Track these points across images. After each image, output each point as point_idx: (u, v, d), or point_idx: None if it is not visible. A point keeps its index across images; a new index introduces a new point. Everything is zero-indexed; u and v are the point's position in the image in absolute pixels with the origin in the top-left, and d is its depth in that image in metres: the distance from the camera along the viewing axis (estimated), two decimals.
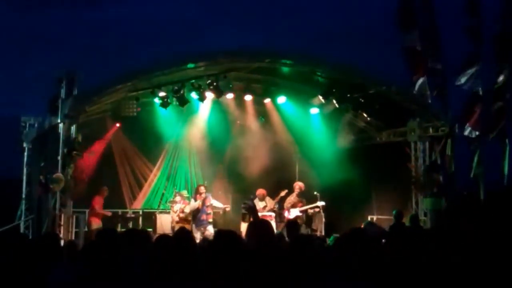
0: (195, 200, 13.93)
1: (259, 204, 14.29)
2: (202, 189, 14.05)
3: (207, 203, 13.97)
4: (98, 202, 14.14)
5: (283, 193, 14.48)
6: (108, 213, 14.37)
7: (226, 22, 42.83)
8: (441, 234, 4.97)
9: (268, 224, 4.82)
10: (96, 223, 13.91)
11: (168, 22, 42.04)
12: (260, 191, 14.50)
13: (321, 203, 13.87)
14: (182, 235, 4.48)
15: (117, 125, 15.49)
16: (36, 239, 8.13)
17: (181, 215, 14.17)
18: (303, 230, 13.11)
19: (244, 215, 13.48)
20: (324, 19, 39.68)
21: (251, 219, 12.05)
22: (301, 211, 13.96)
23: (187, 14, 45.05)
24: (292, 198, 14.24)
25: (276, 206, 14.35)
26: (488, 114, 13.85)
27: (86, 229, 13.77)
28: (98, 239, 4.74)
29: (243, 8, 42.14)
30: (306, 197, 14.41)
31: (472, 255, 4.48)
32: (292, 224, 7.32)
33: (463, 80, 13.76)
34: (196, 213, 13.87)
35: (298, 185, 14.31)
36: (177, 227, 13.76)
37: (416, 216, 12.13)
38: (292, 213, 13.93)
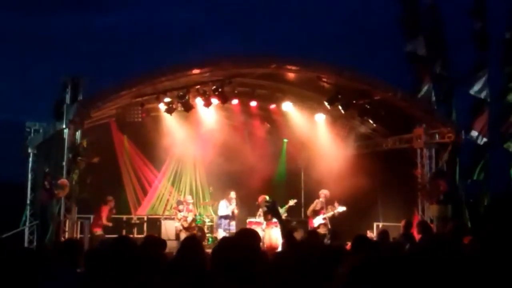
0: (230, 203, 14.29)
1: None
2: (233, 194, 14.38)
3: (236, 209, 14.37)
4: (104, 213, 14.03)
5: (292, 203, 14.30)
6: (109, 223, 14.29)
7: (231, 27, 42.91)
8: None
9: (254, 233, 4.79)
10: (99, 230, 13.83)
11: (173, 28, 42.17)
12: (263, 198, 14.38)
13: (342, 209, 13.68)
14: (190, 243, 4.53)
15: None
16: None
17: (184, 224, 14.08)
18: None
19: (265, 214, 13.61)
20: (329, 25, 39.72)
21: (271, 217, 12.37)
22: (323, 219, 13.76)
23: (192, 20, 45.17)
24: (316, 205, 14.02)
25: (285, 214, 14.16)
26: (495, 120, 13.76)
27: (89, 235, 13.74)
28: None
29: (247, 14, 42.22)
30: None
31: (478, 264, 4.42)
32: (314, 234, 7.30)
33: (476, 88, 13.66)
34: (225, 217, 14.14)
35: (324, 193, 13.93)
36: (182, 234, 13.69)
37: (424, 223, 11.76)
38: (316, 222, 13.77)
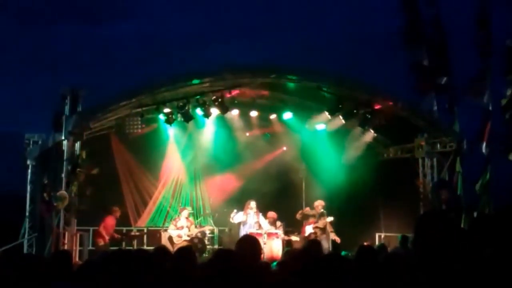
0: (245, 214, 13.61)
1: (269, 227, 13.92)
2: (252, 204, 13.71)
3: (257, 219, 13.62)
4: (108, 224, 13.86)
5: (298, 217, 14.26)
6: (116, 236, 14.11)
7: (230, 37, 42.93)
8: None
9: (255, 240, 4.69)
10: (103, 241, 13.66)
11: (172, 39, 42.11)
12: (271, 215, 14.03)
13: (330, 219, 13.79)
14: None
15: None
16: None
17: (185, 237, 13.80)
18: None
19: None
20: (330, 34, 39.69)
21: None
22: (314, 228, 13.80)
23: (192, 31, 45.18)
24: (310, 213, 14.15)
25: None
26: (497, 129, 13.66)
27: (90, 247, 13.60)
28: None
29: (247, 24, 42.27)
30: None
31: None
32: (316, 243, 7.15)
33: (479, 96, 13.57)
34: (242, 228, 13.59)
35: (322, 204, 14.05)
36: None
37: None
38: (307, 231, 13.83)
